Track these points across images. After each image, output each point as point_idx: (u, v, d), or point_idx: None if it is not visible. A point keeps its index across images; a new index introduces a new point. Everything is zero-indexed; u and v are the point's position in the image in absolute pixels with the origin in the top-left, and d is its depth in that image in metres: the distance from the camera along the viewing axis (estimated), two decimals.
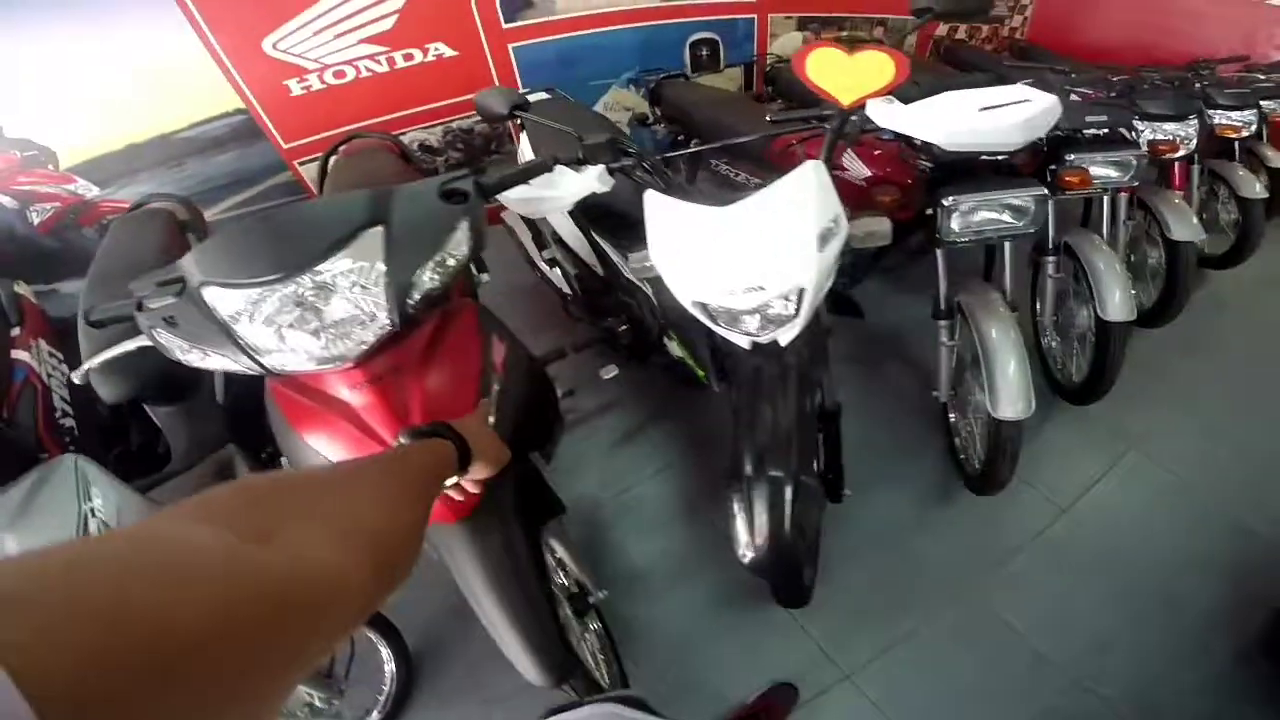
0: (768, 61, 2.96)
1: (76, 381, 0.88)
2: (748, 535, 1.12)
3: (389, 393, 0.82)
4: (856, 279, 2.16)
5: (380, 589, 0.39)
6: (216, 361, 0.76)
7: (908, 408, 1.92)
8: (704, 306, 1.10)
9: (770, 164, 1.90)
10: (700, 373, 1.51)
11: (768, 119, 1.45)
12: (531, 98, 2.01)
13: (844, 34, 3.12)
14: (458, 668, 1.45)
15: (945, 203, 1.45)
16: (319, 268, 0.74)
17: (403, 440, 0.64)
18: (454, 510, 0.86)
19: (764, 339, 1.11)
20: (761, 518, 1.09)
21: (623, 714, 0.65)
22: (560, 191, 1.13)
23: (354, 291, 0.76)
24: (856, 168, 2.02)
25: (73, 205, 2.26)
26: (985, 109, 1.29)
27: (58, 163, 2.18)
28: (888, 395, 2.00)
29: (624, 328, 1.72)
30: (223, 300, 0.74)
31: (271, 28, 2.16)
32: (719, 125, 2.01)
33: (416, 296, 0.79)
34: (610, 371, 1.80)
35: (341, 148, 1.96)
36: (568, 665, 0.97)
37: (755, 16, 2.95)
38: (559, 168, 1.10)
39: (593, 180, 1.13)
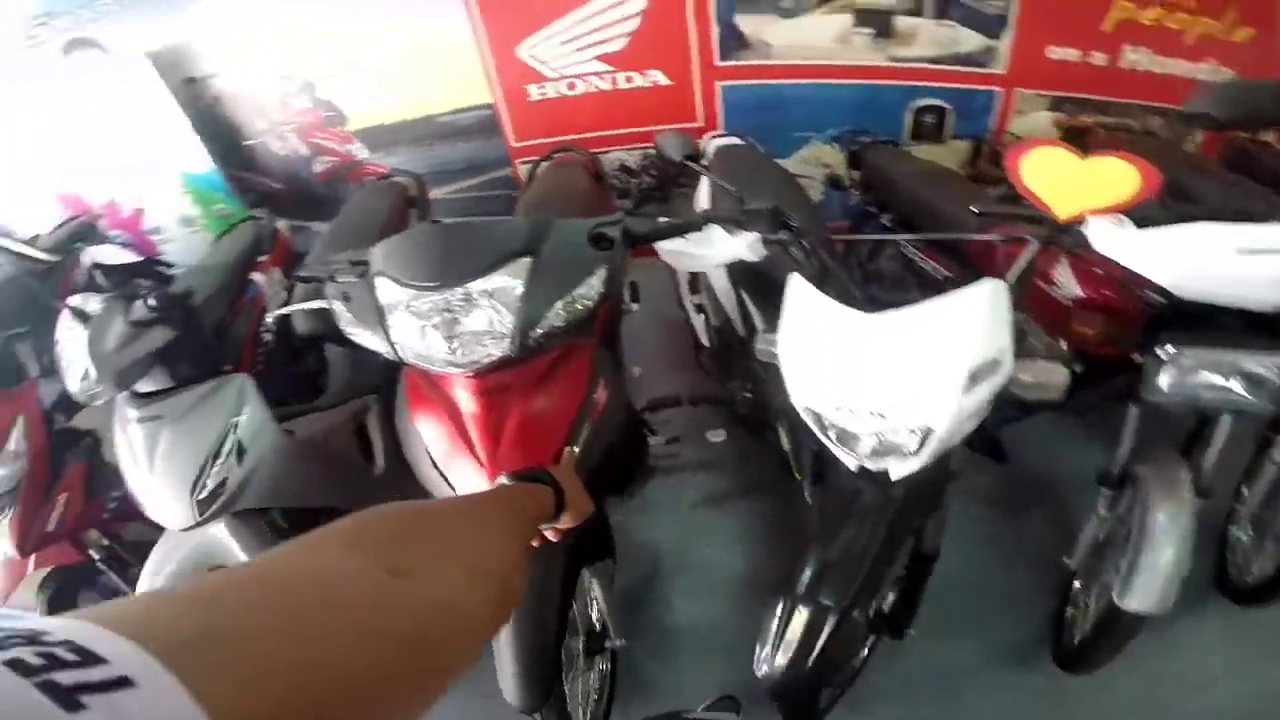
0: (1004, 140, 2.68)
1: (269, 318, 1.10)
2: (770, 651, 1.04)
3: (493, 409, 0.92)
4: (1011, 418, 1.80)
5: (496, 626, 0.43)
6: (365, 339, 0.91)
7: (1027, 561, 1.67)
8: (817, 415, 1.01)
9: (967, 258, 1.72)
10: (798, 475, 1.41)
11: (973, 209, 1.29)
12: (719, 142, 2.07)
13: (1109, 121, 2.71)
14: None
15: (1161, 352, 1.17)
16: (469, 285, 0.85)
17: (505, 481, 0.68)
18: None
19: (872, 467, 1.00)
20: (791, 642, 1.01)
21: None
22: (710, 251, 1.13)
23: (491, 310, 0.86)
24: (1066, 282, 1.73)
25: (347, 163, 2.80)
26: (1247, 252, 1.02)
27: (345, 125, 2.71)
28: (1008, 544, 1.74)
29: (746, 395, 1.68)
30: (387, 292, 0.88)
31: (529, 33, 2.45)
32: (919, 203, 1.86)
33: (539, 330, 0.88)
34: (718, 435, 1.78)
35: (554, 156, 2.17)
36: (545, 694, 0.98)
37: (1000, 90, 2.68)
38: (713, 227, 1.10)
39: (743, 247, 1.11)
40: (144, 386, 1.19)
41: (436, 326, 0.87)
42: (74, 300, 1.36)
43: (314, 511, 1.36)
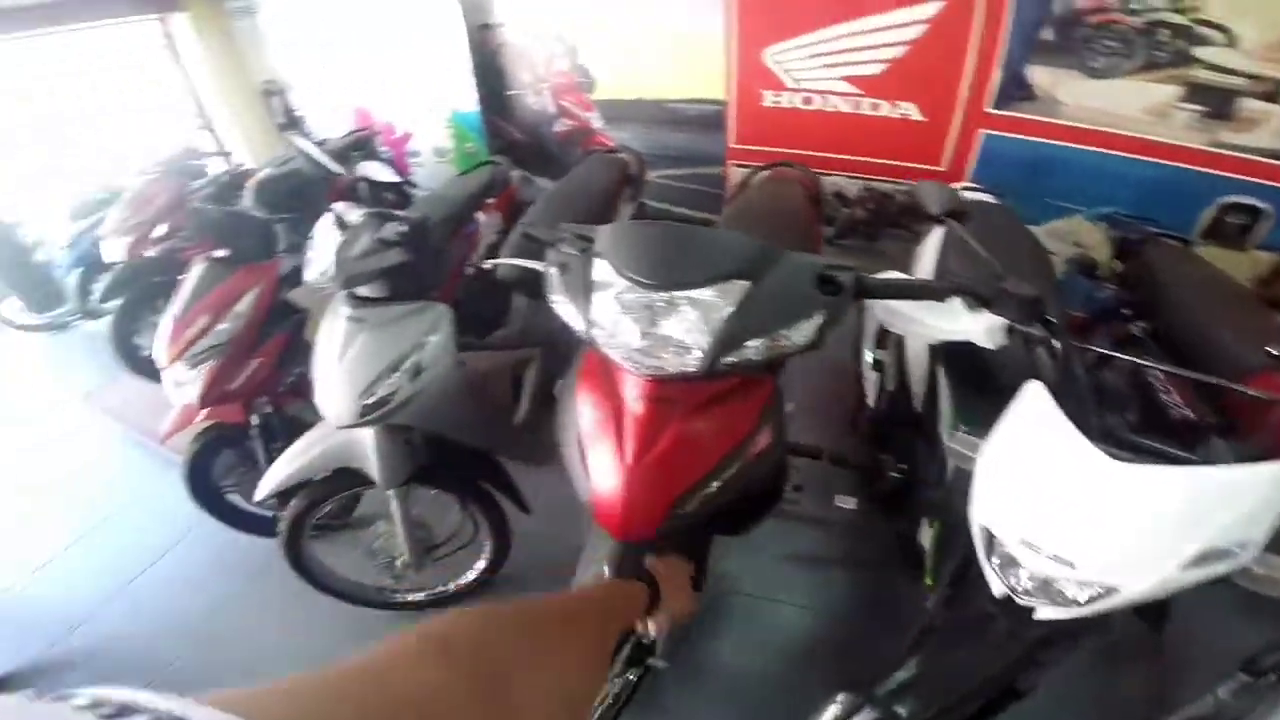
0: None
1: (485, 265, 1.20)
2: None
3: (655, 417, 0.90)
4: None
5: None
6: (565, 311, 0.95)
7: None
8: (987, 532, 0.88)
9: (1227, 406, 1.35)
10: (929, 579, 1.25)
11: (1269, 350, 1.06)
12: (972, 194, 1.84)
13: None
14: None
15: None
16: (679, 293, 0.85)
17: (605, 573, 0.68)
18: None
19: (1021, 602, 0.85)
20: None
21: None
22: (941, 324, 0.99)
23: (692, 323, 0.85)
24: None
25: (582, 129, 3.01)
26: None
27: (592, 93, 2.90)
28: (1095, 693, 1.44)
29: (896, 474, 1.52)
30: (602, 274, 0.91)
31: (779, 39, 2.41)
32: (1192, 322, 1.49)
33: (732, 359, 0.85)
34: (847, 503, 1.64)
35: (773, 169, 2.12)
36: None
37: None
38: (953, 299, 0.97)
39: (982, 330, 0.96)
40: (363, 291, 1.32)
41: (636, 321, 0.87)
42: (338, 207, 1.57)
43: (450, 443, 1.48)
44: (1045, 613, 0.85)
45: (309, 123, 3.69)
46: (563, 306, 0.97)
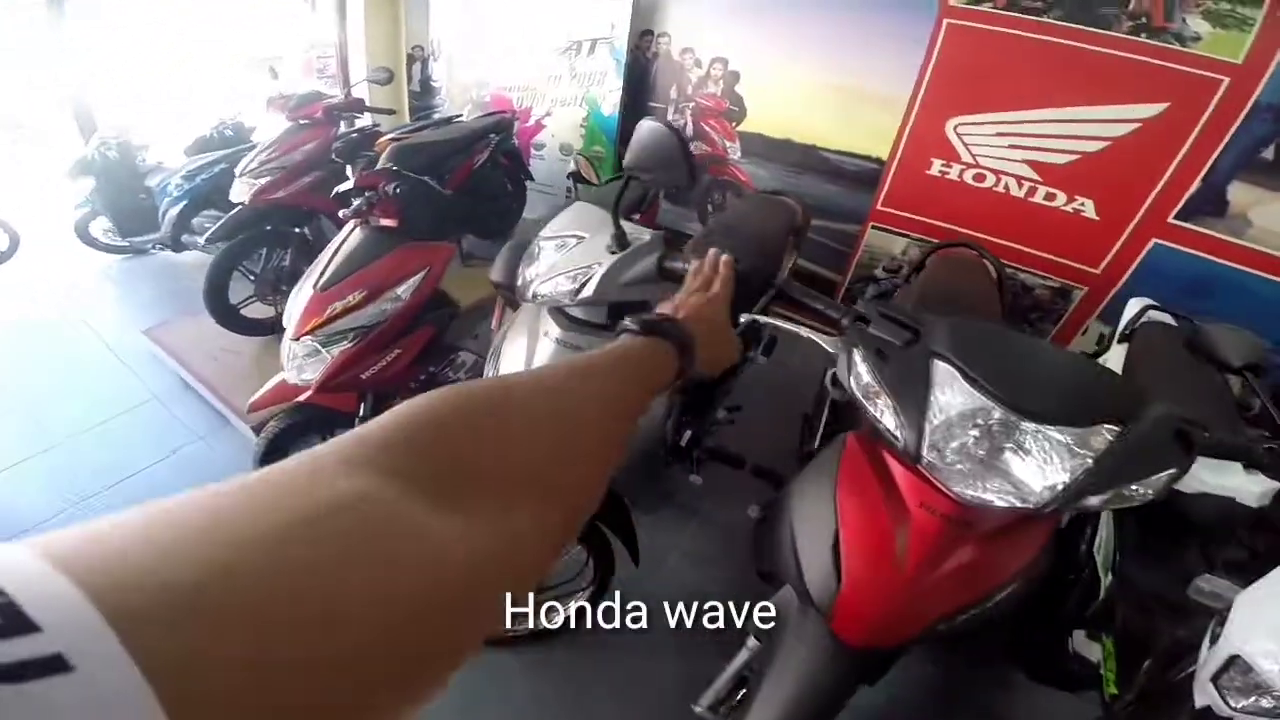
0: None
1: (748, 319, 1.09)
2: None
3: (946, 537, 0.82)
4: None
5: (558, 556, 0.34)
6: (881, 409, 0.82)
7: None
8: (1239, 660, 0.87)
9: None
10: (1112, 688, 1.21)
11: None
12: (1154, 314, 1.74)
13: None
14: None
15: None
16: (1051, 429, 0.74)
17: (630, 325, 0.54)
18: None
19: (1226, 714, 0.86)
20: None
21: None
22: (1207, 477, 0.99)
23: (1048, 463, 0.75)
24: None
25: (717, 157, 2.92)
26: None
27: (740, 123, 2.82)
28: None
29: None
30: (947, 380, 0.79)
31: (969, 112, 2.32)
32: None
33: (1074, 504, 0.75)
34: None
35: (944, 248, 2.01)
36: None
37: None
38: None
39: (1256, 492, 0.96)
40: (579, 313, 1.17)
41: (977, 443, 0.77)
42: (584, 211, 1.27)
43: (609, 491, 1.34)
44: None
45: (442, 94, 3.62)
46: (875, 401, 0.84)
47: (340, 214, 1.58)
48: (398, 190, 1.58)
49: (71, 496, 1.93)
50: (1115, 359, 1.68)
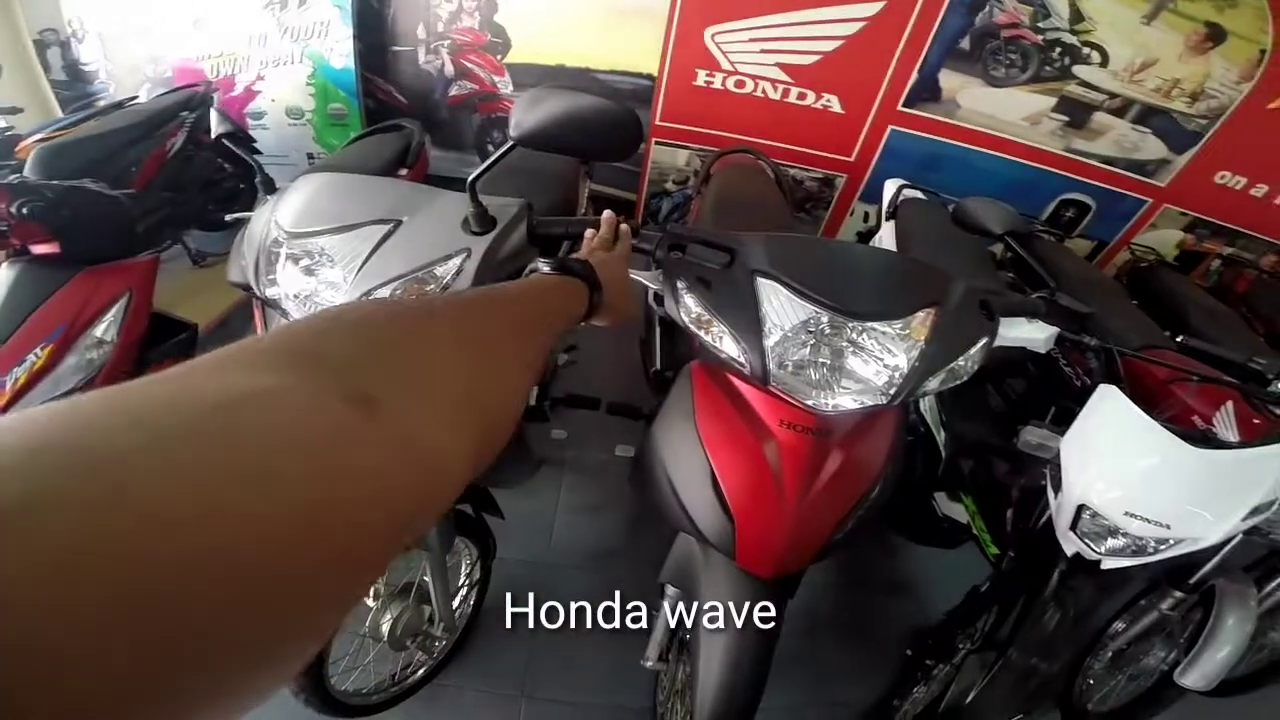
0: (1139, 255, 2.67)
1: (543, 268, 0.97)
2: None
3: (816, 452, 0.83)
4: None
5: (477, 469, 0.31)
6: (718, 337, 0.80)
7: None
8: (1086, 509, 1.00)
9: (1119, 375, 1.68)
10: (991, 547, 1.39)
11: (1179, 339, 1.27)
12: (908, 193, 1.99)
13: (1227, 252, 2.74)
14: None
15: None
16: (878, 325, 0.77)
17: (542, 268, 0.57)
18: None
19: (1095, 557, 1.02)
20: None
21: None
22: (1005, 333, 1.00)
23: (885, 357, 0.77)
24: (1224, 425, 1.71)
25: (485, 93, 2.64)
26: None
27: (506, 55, 2.55)
28: None
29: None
30: (773, 297, 0.78)
31: (724, 20, 2.34)
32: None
33: (920, 391, 0.79)
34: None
35: (729, 155, 2.06)
36: None
37: (1149, 201, 2.67)
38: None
39: (1041, 339, 1.00)
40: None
41: (816, 352, 0.77)
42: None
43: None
44: (1110, 563, 1.03)
45: (103, 78, 2.75)
46: (710, 329, 0.81)
47: None
48: (25, 211, 1.12)
49: None
50: (887, 235, 1.87)
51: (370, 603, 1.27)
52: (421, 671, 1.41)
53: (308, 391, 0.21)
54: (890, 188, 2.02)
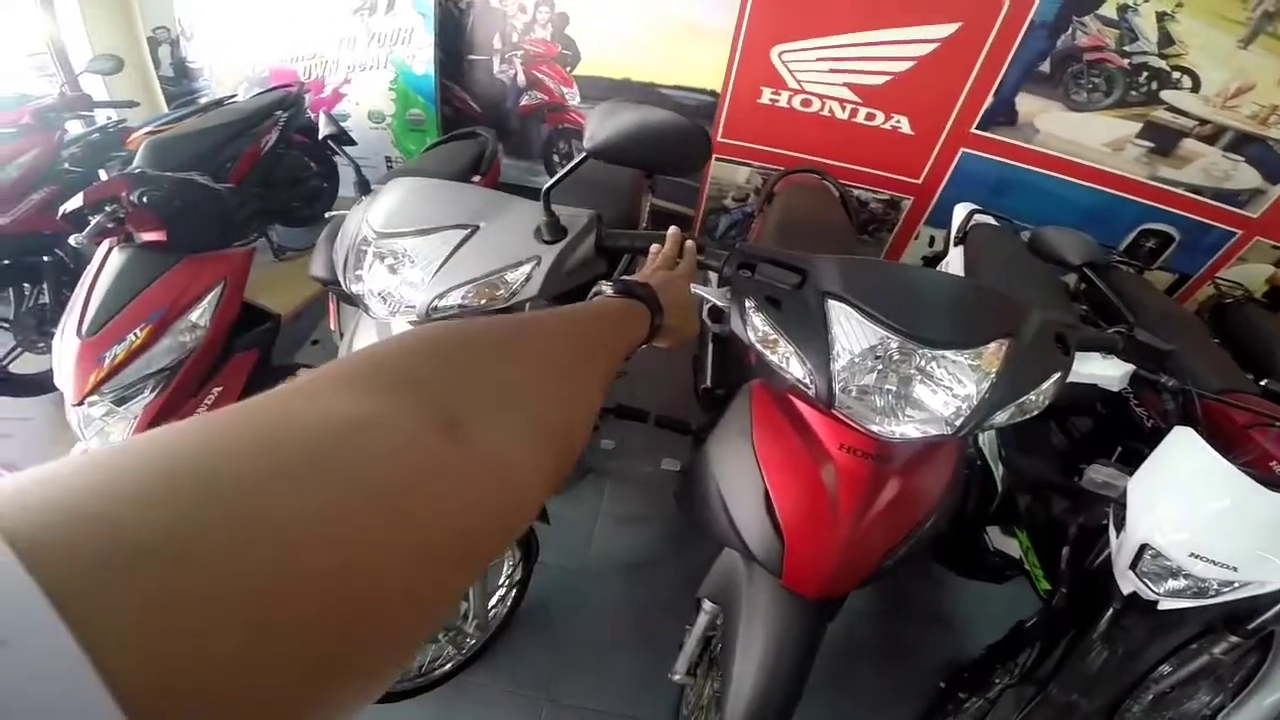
0: (1224, 290, 2.49)
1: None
2: None
3: (874, 477, 0.82)
4: None
5: (551, 491, 0.32)
6: (785, 357, 0.80)
7: None
8: (1149, 549, 0.97)
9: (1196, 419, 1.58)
10: (1043, 583, 1.35)
11: (1264, 383, 1.24)
12: (979, 217, 1.92)
13: None
14: None
15: None
16: (951, 353, 0.75)
17: (606, 290, 0.58)
18: None
19: (1153, 598, 0.99)
20: None
21: None
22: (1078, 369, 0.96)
23: (954, 387, 0.76)
24: None
25: (552, 104, 2.72)
26: None
27: (575, 67, 2.62)
28: None
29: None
30: (844, 319, 0.77)
31: (792, 39, 2.34)
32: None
33: (987, 424, 0.77)
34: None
35: (792, 175, 2.05)
36: None
37: (1239, 232, 2.49)
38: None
39: (1116, 376, 0.96)
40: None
41: (883, 377, 0.77)
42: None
43: None
44: (1169, 604, 1.00)
45: (206, 76, 2.99)
46: (777, 349, 0.81)
47: (73, 240, 1.20)
48: (144, 199, 1.22)
49: None
50: (955, 261, 1.82)
51: None
52: (449, 666, 1.45)
53: (403, 417, 0.22)
54: (960, 212, 1.97)
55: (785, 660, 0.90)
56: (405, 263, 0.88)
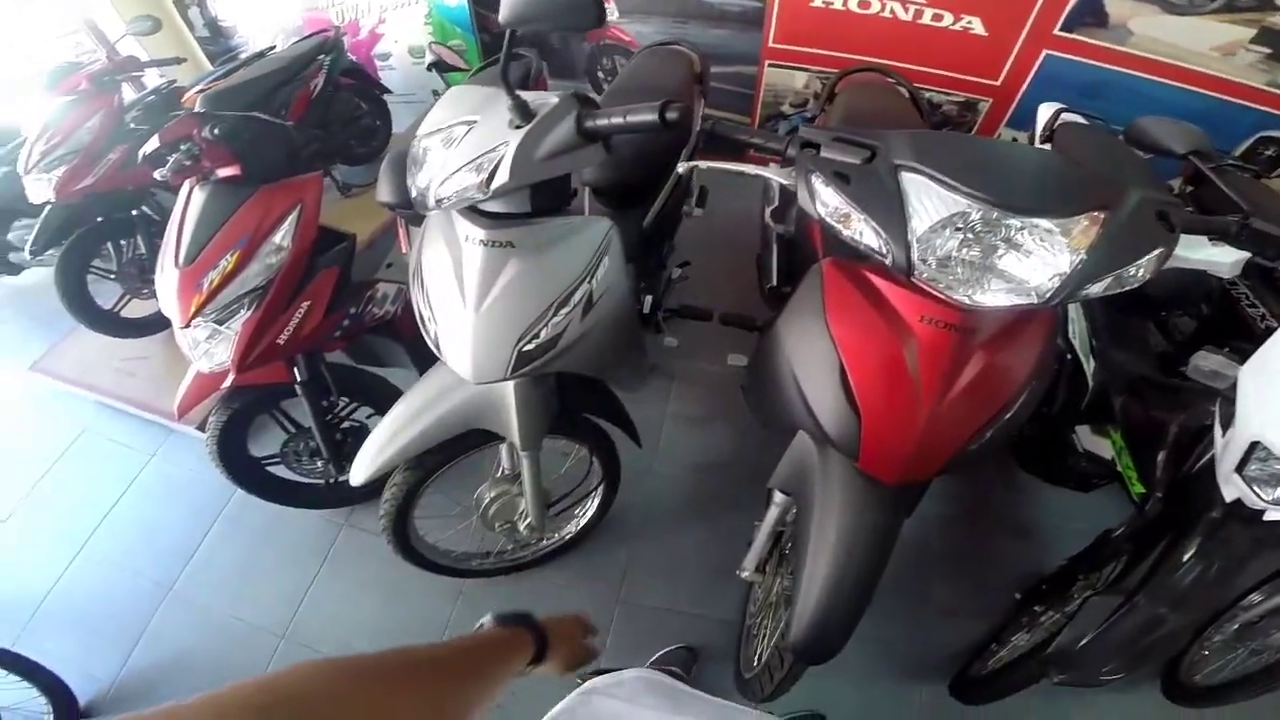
0: None
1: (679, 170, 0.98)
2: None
3: (959, 351, 0.79)
4: None
5: None
6: (858, 228, 0.77)
7: None
8: (1261, 448, 0.88)
9: None
10: (1137, 486, 1.28)
11: None
12: (1066, 116, 1.77)
13: None
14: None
15: None
16: (1043, 220, 0.71)
17: (487, 622, 0.63)
18: None
19: (1257, 506, 0.90)
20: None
21: (660, 679, 0.66)
22: (1187, 254, 0.89)
23: (1046, 255, 0.72)
24: None
25: None
26: None
27: None
28: None
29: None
30: (920, 190, 0.74)
31: None
32: None
33: (1082, 293, 0.73)
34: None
35: (854, 75, 1.93)
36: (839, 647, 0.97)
37: None
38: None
39: (1228, 263, 0.89)
40: (496, 206, 0.99)
41: (969, 246, 0.73)
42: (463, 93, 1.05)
43: (573, 383, 1.27)
44: (1275, 514, 0.91)
45: (240, 33, 3.01)
46: (848, 222, 0.78)
47: (157, 174, 1.28)
48: (216, 132, 1.28)
49: (70, 542, 1.82)
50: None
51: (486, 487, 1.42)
52: (506, 562, 1.60)
53: None
54: (1045, 111, 1.82)
55: (859, 552, 0.90)
56: (428, 158, 0.96)
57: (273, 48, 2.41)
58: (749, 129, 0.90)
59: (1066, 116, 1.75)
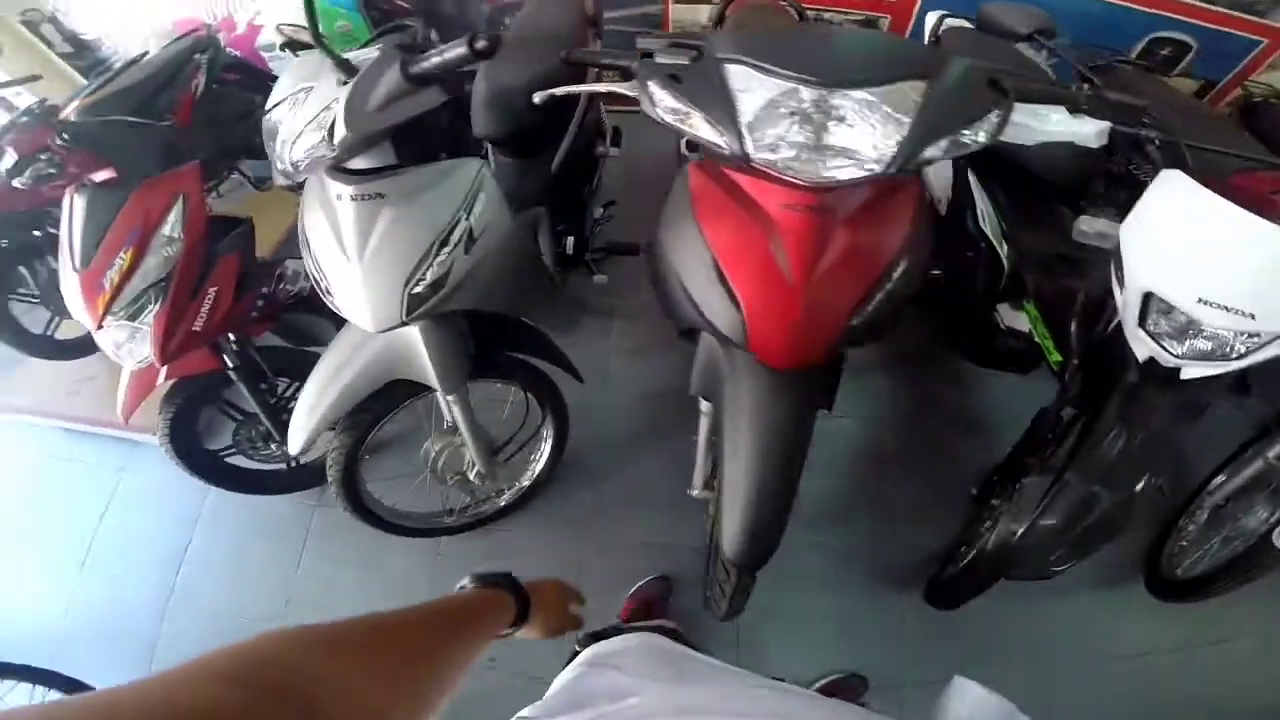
0: (1253, 91, 2.32)
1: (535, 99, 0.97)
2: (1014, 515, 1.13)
3: (819, 230, 0.81)
4: None
5: None
6: (695, 125, 0.80)
7: None
8: (1153, 298, 0.93)
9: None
10: (1054, 355, 1.34)
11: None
12: (951, 22, 1.81)
13: None
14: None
15: None
16: (860, 92, 0.75)
17: (466, 584, 0.61)
18: None
19: (1173, 364, 0.95)
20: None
21: (661, 644, 0.65)
22: (1045, 128, 0.93)
23: (876, 125, 0.75)
24: None
25: None
26: None
27: None
28: None
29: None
30: (744, 79, 0.78)
31: None
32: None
33: (920, 158, 0.76)
34: None
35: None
36: (769, 553, 0.99)
37: (1265, 41, 2.29)
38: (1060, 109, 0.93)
39: (1091, 133, 0.92)
40: (359, 163, 1.01)
41: (802, 125, 0.76)
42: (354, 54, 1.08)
43: (491, 323, 1.30)
44: (1192, 371, 0.95)
45: (107, 44, 2.88)
46: (687, 121, 0.80)
47: (16, 184, 1.34)
48: (66, 137, 1.27)
49: (64, 568, 1.84)
50: None
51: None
52: (471, 516, 1.62)
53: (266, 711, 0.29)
54: (931, 19, 1.85)
55: (776, 446, 0.92)
56: (280, 129, 1.02)
57: (145, 54, 2.32)
58: (600, 51, 0.96)
59: (950, 22, 1.79)
